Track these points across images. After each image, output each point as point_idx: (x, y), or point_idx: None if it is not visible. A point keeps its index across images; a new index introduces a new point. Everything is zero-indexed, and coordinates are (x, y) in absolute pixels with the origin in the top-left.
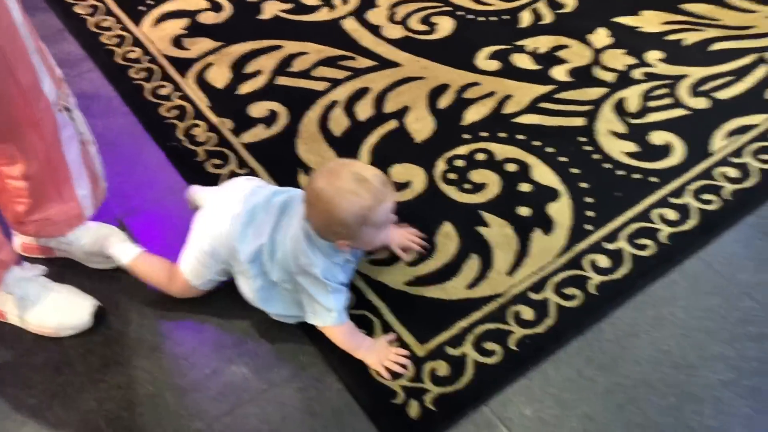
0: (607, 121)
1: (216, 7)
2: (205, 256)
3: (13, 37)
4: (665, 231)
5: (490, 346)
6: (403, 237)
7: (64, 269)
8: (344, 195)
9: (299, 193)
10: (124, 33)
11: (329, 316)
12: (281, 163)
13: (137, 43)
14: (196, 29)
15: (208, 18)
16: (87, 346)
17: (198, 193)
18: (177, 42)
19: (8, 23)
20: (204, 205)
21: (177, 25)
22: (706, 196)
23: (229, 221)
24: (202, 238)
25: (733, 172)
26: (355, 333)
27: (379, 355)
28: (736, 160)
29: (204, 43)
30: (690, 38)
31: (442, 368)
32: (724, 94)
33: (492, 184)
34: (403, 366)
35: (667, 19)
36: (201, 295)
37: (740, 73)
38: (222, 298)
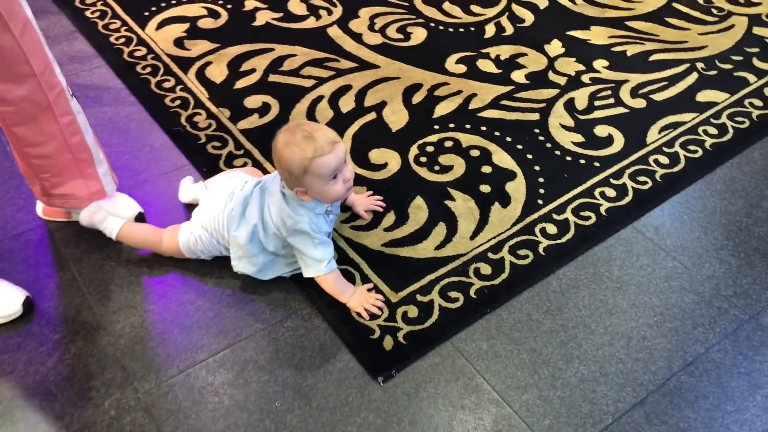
0: (559, 117)
1: (214, 14)
2: (203, 241)
3: (24, 28)
4: (605, 205)
5: (453, 294)
6: (366, 201)
7: None
8: (290, 147)
9: (274, 174)
10: (130, 34)
11: (320, 266)
12: None
13: (143, 43)
14: (196, 33)
15: (207, 23)
16: (102, 291)
17: (189, 189)
18: (179, 43)
19: (24, 18)
20: (201, 201)
21: (179, 29)
22: (641, 178)
23: (227, 216)
24: (204, 226)
25: (664, 160)
26: (342, 280)
27: (360, 299)
28: (667, 150)
29: (203, 45)
30: (632, 50)
31: (412, 311)
32: (659, 96)
33: (458, 166)
34: (380, 309)
35: (613, 34)
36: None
37: (674, 80)
38: (221, 261)
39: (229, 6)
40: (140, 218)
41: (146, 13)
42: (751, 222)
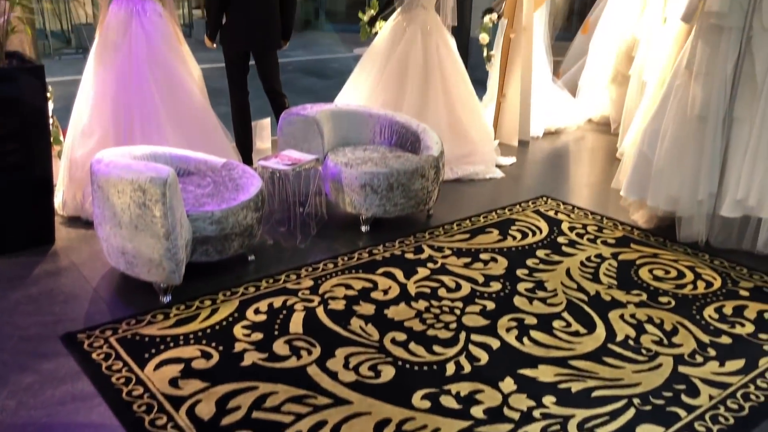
0: None
1: (206, 356)
2: None
3: None
4: None
5: None
6: None
7: None
8: None
9: None
10: (130, 374)
11: None
12: None
13: (140, 382)
14: (189, 372)
15: (200, 364)
16: None
17: None
18: (173, 382)
19: None
20: None
21: (174, 369)
22: None
23: None
24: None
25: None
26: None
27: None
28: None
29: (195, 384)
30: (576, 386)
31: None
32: (603, 431)
33: None
34: None
35: (559, 372)
36: None
37: (614, 414)
38: None
39: (220, 348)
40: None
41: (146, 355)
42: None
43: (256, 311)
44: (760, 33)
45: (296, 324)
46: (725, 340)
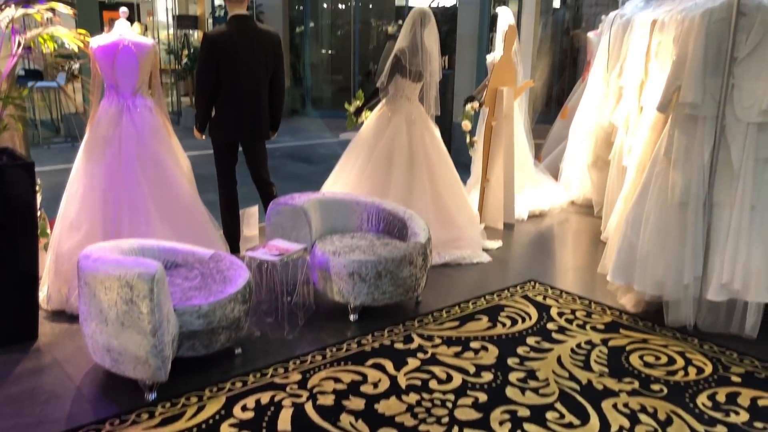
0: None
1: None
2: None
3: None
4: None
5: None
6: None
7: None
8: None
9: None
10: None
11: None
12: None
13: None
14: None
15: None
16: None
17: None
18: None
19: None
20: None
21: None
22: None
23: None
24: None
25: None
26: None
27: None
28: None
29: None
30: None
31: None
32: None
33: None
34: None
35: None
36: None
37: None
38: None
39: None
40: None
41: None
42: None
43: (244, 408)
44: (733, 122)
45: (284, 421)
46: (720, 429)
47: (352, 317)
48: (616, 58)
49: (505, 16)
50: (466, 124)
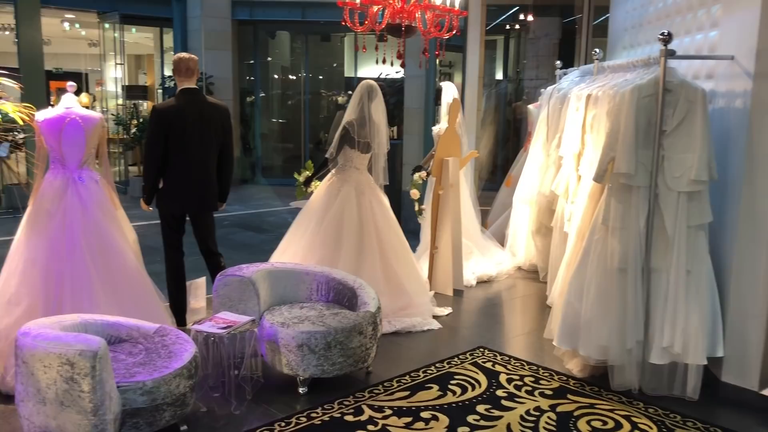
0: None
1: None
2: None
3: None
4: None
5: None
6: None
7: None
8: None
9: None
10: None
11: None
12: None
13: None
14: None
15: None
16: None
17: None
18: None
19: None
20: None
21: None
22: None
23: None
24: None
25: None
26: None
27: None
28: None
29: None
30: None
31: None
32: None
33: None
34: None
35: None
36: None
37: None
38: None
39: None
40: None
41: None
42: None
43: None
44: (665, 191)
45: None
46: None
47: (301, 390)
48: (555, 129)
49: (449, 90)
50: (415, 193)
